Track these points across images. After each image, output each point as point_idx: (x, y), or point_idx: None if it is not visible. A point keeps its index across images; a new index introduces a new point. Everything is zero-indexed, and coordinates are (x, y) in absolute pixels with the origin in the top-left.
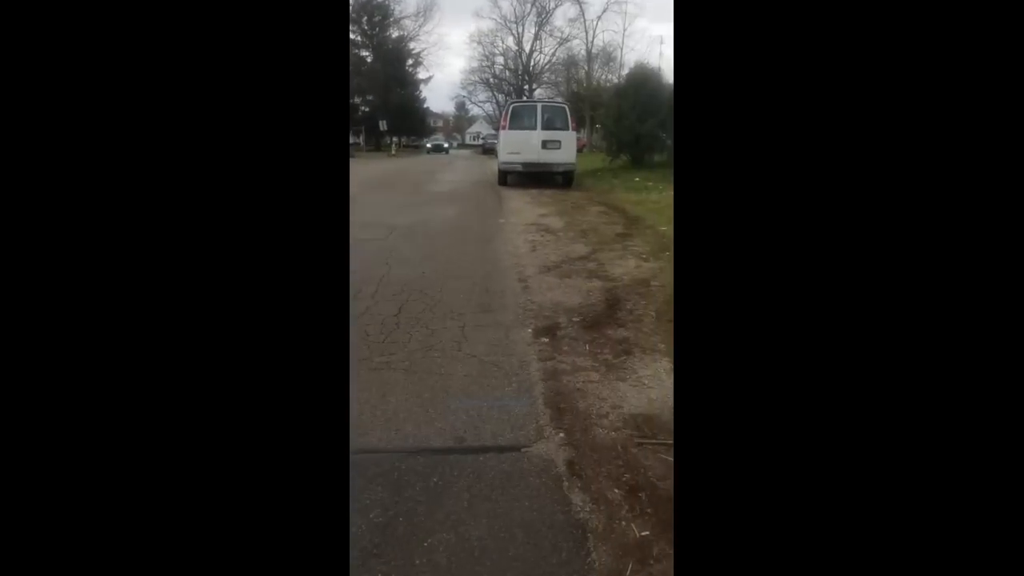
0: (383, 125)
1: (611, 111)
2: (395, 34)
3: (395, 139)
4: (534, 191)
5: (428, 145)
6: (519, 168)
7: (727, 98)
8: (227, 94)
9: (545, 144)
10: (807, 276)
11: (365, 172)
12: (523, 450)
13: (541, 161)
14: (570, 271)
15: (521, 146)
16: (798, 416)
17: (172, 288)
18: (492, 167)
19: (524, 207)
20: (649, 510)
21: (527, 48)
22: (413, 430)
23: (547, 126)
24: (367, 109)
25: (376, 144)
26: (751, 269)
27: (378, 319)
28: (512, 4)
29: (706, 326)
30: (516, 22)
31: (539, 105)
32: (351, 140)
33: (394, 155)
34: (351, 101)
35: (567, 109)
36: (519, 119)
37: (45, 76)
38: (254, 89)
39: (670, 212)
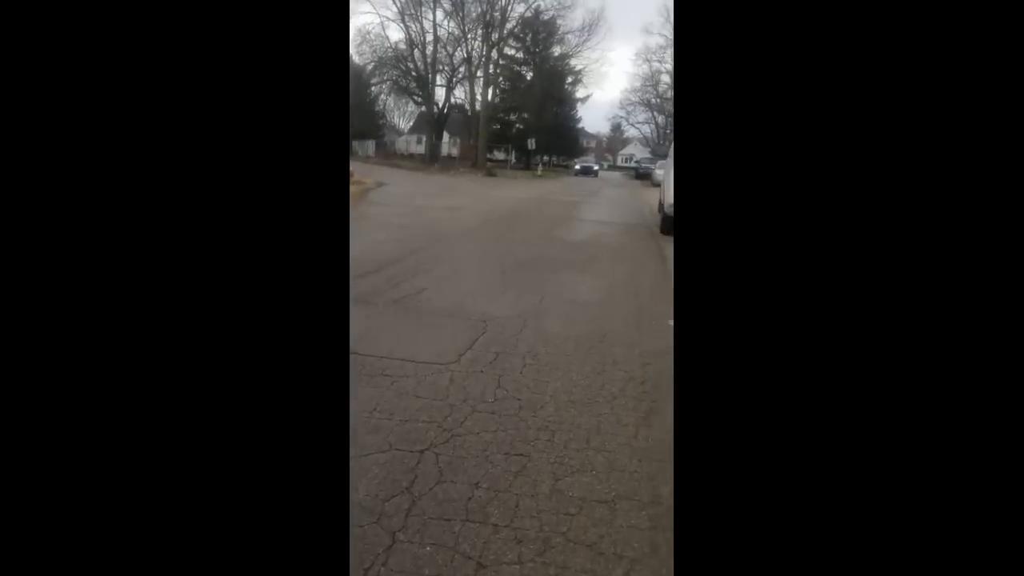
0: (531, 143)
1: None
2: (557, 51)
3: (543, 158)
4: None
5: (577, 167)
6: None
7: (727, 98)
8: (227, 95)
9: None
10: (807, 276)
11: (494, 200)
12: None
13: None
14: None
15: None
16: (798, 417)
17: (172, 288)
18: (648, 199)
19: None
20: None
21: None
22: None
23: None
24: (520, 126)
25: (526, 163)
26: (752, 269)
27: None
28: None
29: (706, 327)
30: None
31: None
32: (501, 156)
33: (539, 176)
34: (507, 118)
35: None
36: None
37: (45, 77)
38: (255, 91)
39: None
